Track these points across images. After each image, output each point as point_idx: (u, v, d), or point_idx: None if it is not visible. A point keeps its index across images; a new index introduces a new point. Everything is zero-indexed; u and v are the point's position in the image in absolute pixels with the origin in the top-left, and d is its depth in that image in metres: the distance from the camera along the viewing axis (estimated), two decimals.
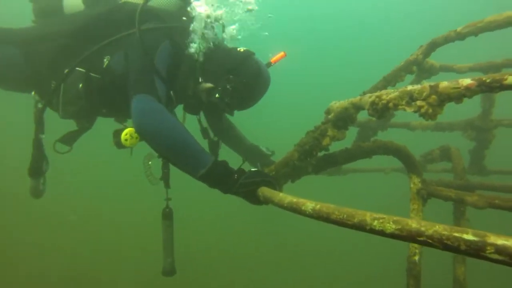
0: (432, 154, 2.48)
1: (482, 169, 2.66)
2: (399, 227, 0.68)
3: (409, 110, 1.08)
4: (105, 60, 1.81)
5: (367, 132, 2.72)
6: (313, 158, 1.75)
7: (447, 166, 2.83)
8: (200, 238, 7.43)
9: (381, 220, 0.73)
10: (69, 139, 2.02)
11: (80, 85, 1.79)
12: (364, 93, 1.69)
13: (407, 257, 1.60)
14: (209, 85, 1.80)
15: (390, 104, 1.16)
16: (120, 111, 1.99)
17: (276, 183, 1.48)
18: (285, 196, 1.11)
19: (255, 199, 1.46)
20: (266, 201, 1.32)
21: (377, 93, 1.22)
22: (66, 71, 1.76)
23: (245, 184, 1.43)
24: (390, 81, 1.85)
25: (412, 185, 1.75)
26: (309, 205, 0.97)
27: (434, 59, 2.31)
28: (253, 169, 1.53)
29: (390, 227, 0.70)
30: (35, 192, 2.02)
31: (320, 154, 1.82)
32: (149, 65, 1.58)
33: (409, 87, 1.09)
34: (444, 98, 0.97)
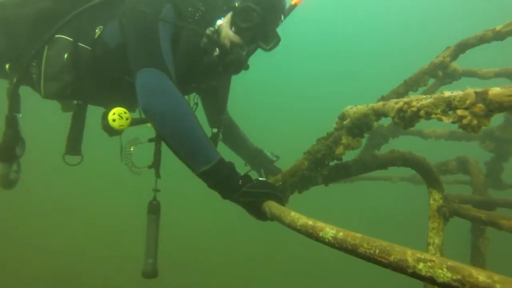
0: (447, 165, 2.32)
1: (498, 183, 2.50)
2: (458, 277, 0.52)
3: (447, 120, 0.92)
4: (97, 30, 1.57)
5: (378, 140, 2.56)
6: (325, 168, 1.59)
7: (460, 177, 2.68)
8: (196, 239, 7.26)
9: (429, 264, 0.57)
10: (73, 145, 1.76)
11: (66, 55, 1.53)
12: (383, 98, 1.53)
13: None
14: (219, 22, 1.57)
15: (422, 112, 1.00)
16: (112, 93, 1.68)
17: (284, 199, 1.32)
18: (298, 217, 0.95)
19: (258, 213, 1.30)
20: (274, 218, 1.16)
21: (406, 99, 1.06)
22: (47, 36, 1.53)
23: (249, 193, 1.27)
24: (411, 85, 1.68)
25: (432, 201, 1.59)
26: (329, 231, 0.81)
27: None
28: (261, 179, 1.37)
29: (444, 275, 0.54)
30: (4, 181, 1.73)
31: (332, 163, 1.67)
32: (154, 33, 1.37)
33: (447, 93, 0.93)
34: (494, 108, 0.81)
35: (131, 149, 1.65)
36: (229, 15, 1.58)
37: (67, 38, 1.57)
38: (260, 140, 2.48)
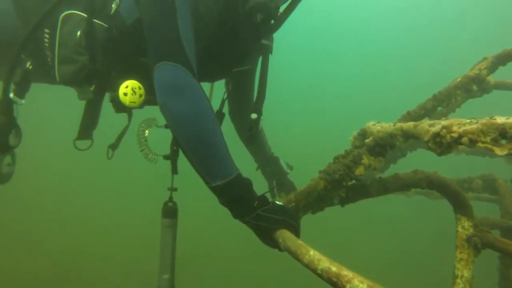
0: (470, 183, 2.16)
1: None
2: None
3: (500, 152, 0.77)
4: (113, 5, 1.39)
5: (395, 153, 2.41)
6: (342, 189, 1.46)
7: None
8: (197, 237, 7.11)
9: None
10: (85, 131, 1.63)
11: (79, 33, 1.36)
12: (410, 115, 1.39)
13: None
14: None
15: (464, 139, 0.86)
16: (129, 77, 1.43)
17: (299, 229, 1.18)
18: (318, 258, 0.82)
19: (269, 240, 1.16)
20: (288, 252, 1.02)
21: (444, 122, 0.92)
22: (56, 13, 1.34)
23: (263, 218, 1.13)
24: (441, 101, 1.53)
25: (460, 229, 1.44)
26: (358, 285, 0.67)
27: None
28: (278, 203, 1.24)
29: None
30: None
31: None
32: (171, 12, 1.16)
33: (500, 119, 0.79)
34: None
35: (146, 132, 1.44)
36: None
37: (81, 14, 1.40)
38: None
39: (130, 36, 1.37)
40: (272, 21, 1.52)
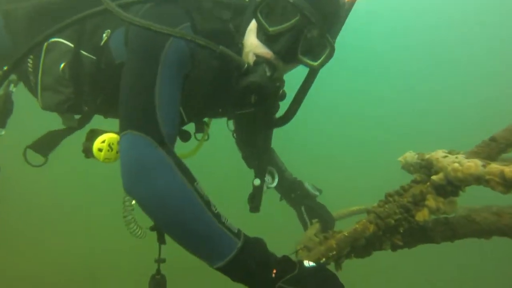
0: None
1: None
2: None
3: None
4: (104, 35, 1.26)
5: None
6: (397, 235, 1.15)
7: None
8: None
9: None
10: (45, 145, 1.48)
11: (62, 65, 1.25)
12: (495, 141, 1.05)
13: None
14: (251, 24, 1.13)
15: None
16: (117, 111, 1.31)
17: None
18: None
19: None
20: None
21: None
22: (39, 39, 1.19)
23: None
24: None
25: None
26: None
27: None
28: (310, 264, 0.96)
29: None
30: None
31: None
32: (152, 75, 1.00)
33: None
34: None
35: (133, 202, 1.25)
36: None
37: (67, 43, 1.26)
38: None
39: (117, 73, 1.17)
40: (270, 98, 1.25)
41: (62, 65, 1.25)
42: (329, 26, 1.10)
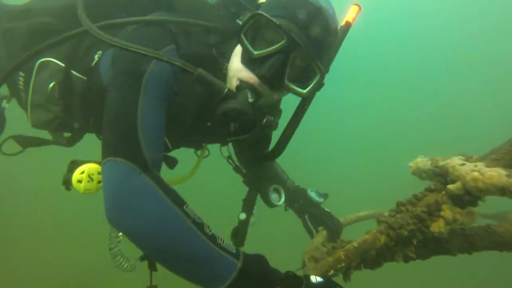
0: None
1: None
2: None
3: None
4: (95, 56, 1.23)
5: None
6: (410, 247, 1.08)
7: None
8: None
9: None
10: (28, 141, 1.47)
11: (51, 85, 1.23)
12: None
13: None
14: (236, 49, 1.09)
15: None
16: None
17: None
18: None
19: None
20: None
21: None
22: (25, 56, 1.19)
23: None
24: None
25: None
26: None
27: None
28: (317, 280, 0.90)
29: None
30: None
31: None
32: (134, 96, 0.96)
33: None
34: None
35: (120, 235, 1.19)
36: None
37: (58, 63, 1.24)
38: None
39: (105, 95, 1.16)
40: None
41: (51, 84, 1.23)
42: (319, 51, 1.03)
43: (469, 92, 10.68)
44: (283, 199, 1.68)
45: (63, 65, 1.23)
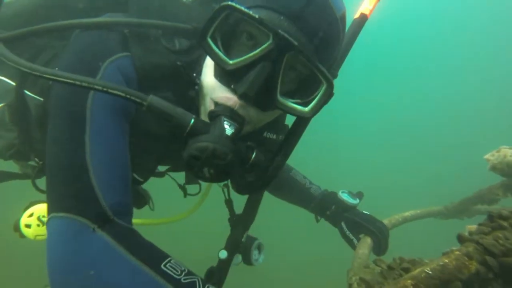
0: None
1: None
2: None
3: None
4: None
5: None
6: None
7: None
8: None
9: None
10: None
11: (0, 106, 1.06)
12: None
13: None
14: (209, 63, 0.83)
15: None
16: None
17: None
18: None
19: None
20: None
21: None
22: None
23: None
24: None
25: None
26: None
27: None
28: None
29: None
30: None
31: None
32: (79, 132, 0.74)
33: None
34: None
35: None
36: None
37: (8, 81, 1.05)
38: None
39: None
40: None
41: None
42: (321, 51, 0.73)
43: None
44: (262, 259, 1.39)
45: (13, 83, 1.04)
